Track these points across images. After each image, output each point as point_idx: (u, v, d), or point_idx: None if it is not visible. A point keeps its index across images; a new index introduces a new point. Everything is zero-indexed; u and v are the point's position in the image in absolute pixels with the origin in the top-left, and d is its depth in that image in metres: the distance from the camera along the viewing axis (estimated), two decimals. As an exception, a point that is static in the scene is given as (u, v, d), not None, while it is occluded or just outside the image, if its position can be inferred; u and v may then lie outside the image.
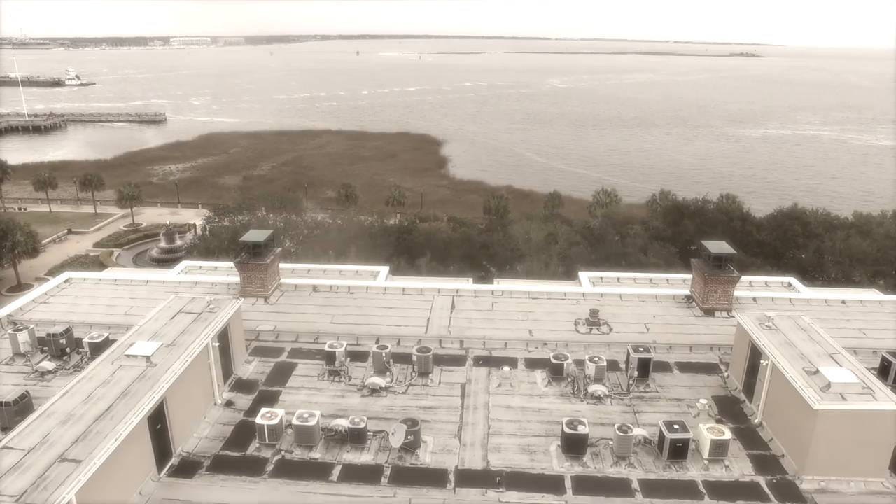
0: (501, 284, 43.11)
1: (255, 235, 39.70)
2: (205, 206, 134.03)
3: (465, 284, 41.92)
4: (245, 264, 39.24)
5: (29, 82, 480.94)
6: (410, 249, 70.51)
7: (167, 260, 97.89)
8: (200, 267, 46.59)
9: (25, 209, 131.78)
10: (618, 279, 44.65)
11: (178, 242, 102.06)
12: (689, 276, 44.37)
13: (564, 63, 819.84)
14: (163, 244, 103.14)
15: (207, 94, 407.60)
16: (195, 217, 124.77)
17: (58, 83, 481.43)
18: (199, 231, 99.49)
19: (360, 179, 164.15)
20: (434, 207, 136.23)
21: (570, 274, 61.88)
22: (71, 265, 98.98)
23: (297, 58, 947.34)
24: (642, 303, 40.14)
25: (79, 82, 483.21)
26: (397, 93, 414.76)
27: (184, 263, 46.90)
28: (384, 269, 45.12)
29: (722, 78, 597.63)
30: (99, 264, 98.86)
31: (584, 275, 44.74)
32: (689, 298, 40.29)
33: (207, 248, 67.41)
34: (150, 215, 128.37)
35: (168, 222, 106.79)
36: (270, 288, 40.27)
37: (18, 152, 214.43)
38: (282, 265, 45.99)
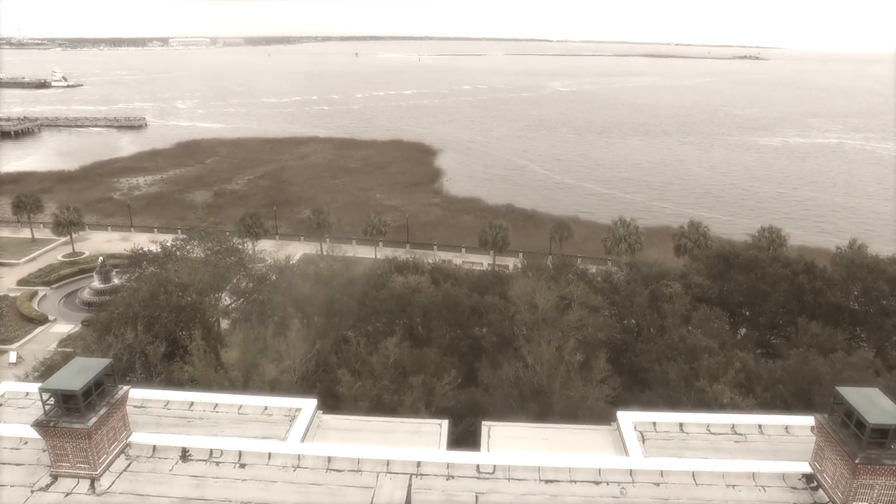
0: (493, 453, 26.63)
1: (70, 379, 23.21)
2: (161, 231, 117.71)
3: (433, 452, 25.27)
4: (52, 428, 23.03)
5: (14, 84, 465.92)
6: (378, 314, 53.87)
7: (100, 304, 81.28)
8: (27, 394, 30.07)
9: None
10: (680, 426, 28.07)
11: (116, 282, 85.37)
12: (792, 422, 28.25)
13: (566, 66, 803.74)
14: (96, 284, 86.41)
15: (195, 96, 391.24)
16: (148, 245, 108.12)
17: (43, 85, 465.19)
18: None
19: (342, 196, 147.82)
20: (423, 231, 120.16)
21: (589, 363, 45.44)
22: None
23: (295, 59, 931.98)
24: (731, 490, 23.82)
25: (65, 84, 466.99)
26: (392, 96, 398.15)
27: (2, 387, 30.42)
28: (308, 406, 28.71)
29: (728, 81, 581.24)
30: (15, 311, 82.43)
31: (625, 418, 28.29)
32: (809, 480, 24.00)
33: (111, 319, 50.70)
34: (97, 241, 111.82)
35: (101, 259, 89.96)
36: (103, 460, 23.99)
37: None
38: (149, 397, 29.77)
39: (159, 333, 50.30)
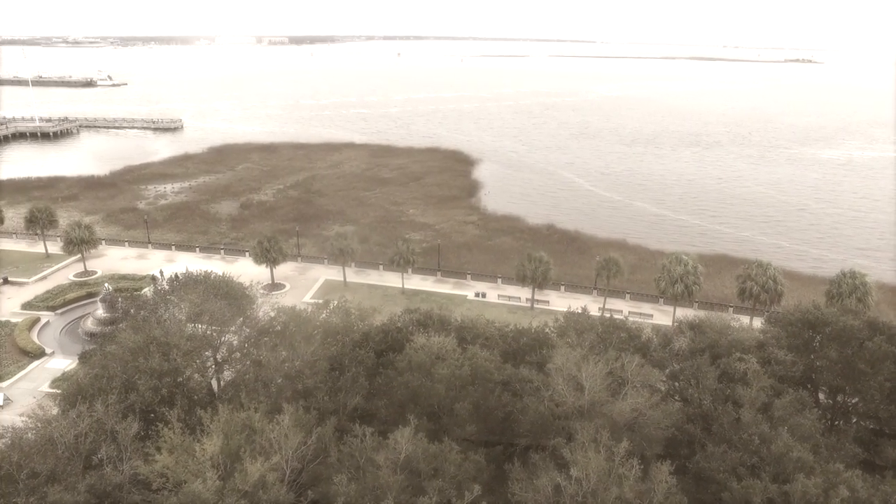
0: None
1: None
2: (179, 248, 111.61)
3: None
4: None
5: (61, 82, 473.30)
6: (387, 390, 45.14)
7: (104, 336, 74.68)
8: None
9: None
10: None
11: (121, 311, 78.58)
12: None
13: (610, 68, 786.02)
14: (100, 313, 79.95)
15: (234, 97, 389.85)
16: (164, 263, 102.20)
17: (90, 83, 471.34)
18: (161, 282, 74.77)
19: (373, 211, 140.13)
20: (457, 255, 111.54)
21: (647, 469, 36.38)
22: (-21, 339, 76.75)
23: (337, 59, 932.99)
24: None
25: (110, 83, 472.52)
26: (432, 99, 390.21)
27: None
28: None
29: (781, 87, 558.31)
30: (12, 342, 76.39)
31: None
32: None
33: (78, 387, 43.54)
34: (113, 259, 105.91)
35: (106, 286, 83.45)
36: None
37: (12, 164, 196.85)
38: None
39: (134, 405, 42.82)
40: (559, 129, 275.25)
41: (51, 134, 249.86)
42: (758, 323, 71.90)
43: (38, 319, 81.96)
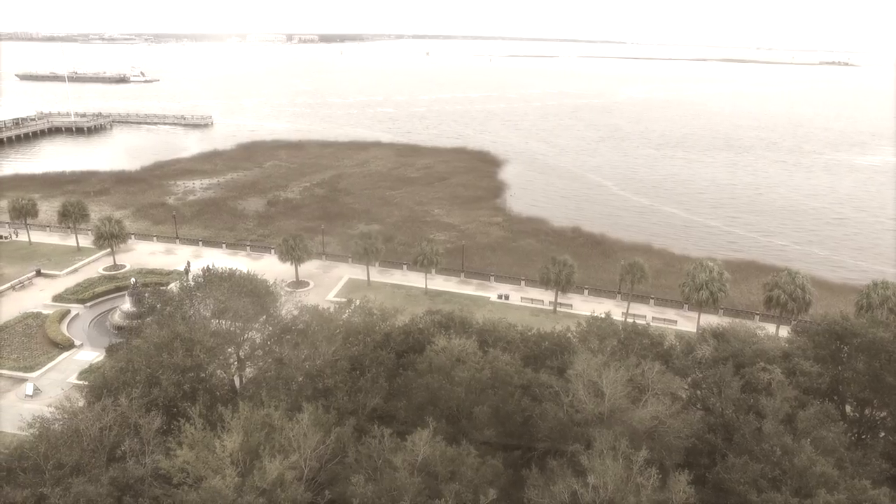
0: None
1: None
2: (206, 244, 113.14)
3: None
4: None
5: (96, 78, 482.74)
6: (407, 392, 45.31)
7: (130, 329, 76.02)
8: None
9: (15, 235, 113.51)
10: None
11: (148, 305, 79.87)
12: None
13: (640, 70, 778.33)
14: (127, 307, 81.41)
15: (263, 94, 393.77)
16: (191, 259, 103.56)
17: (123, 80, 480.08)
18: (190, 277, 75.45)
19: (399, 211, 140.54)
20: (481, 256, 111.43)
21: (665, 480, 36.02)
22: (11, 330, 78.60)
23: (367, 57, 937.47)
24: None
25: (143, 79, 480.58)
26: (460, 99, 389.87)
27: None
28: None
29: (816, 90, 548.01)
30: (43, 333, 78.09)
31: None
32: None
33: (105, 380, 44.56)
34: (141, 253, 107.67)
35: (133, 280, 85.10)
36: None
37: (48, 158, 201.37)
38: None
39: (157, 399, 43.55)
40: (587, 130, 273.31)
41: (85, 129, 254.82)
42: (784, 332, 70.81)
43: (68, 311, 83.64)
